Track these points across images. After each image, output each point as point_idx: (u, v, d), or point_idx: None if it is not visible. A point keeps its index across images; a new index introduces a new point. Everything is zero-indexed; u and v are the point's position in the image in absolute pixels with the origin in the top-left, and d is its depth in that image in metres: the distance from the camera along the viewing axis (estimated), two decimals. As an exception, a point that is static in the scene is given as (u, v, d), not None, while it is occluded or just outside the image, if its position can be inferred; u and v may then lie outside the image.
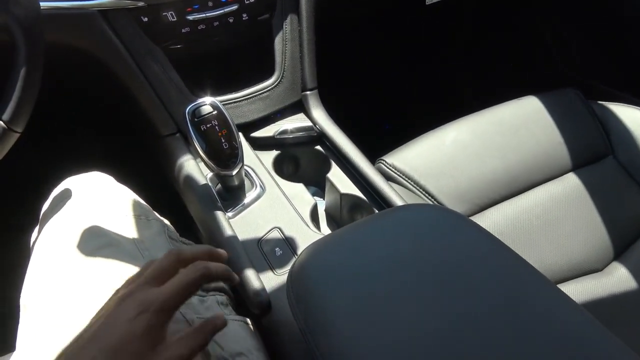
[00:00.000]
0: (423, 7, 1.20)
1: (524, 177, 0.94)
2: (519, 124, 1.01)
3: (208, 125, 0.72)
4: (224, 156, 0.73)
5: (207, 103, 0.73)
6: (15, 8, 0.60)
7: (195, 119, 0.72)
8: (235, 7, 0.88)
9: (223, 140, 0.72)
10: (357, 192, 0.83)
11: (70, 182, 0.74)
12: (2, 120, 0.61)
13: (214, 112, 0.73)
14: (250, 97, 0.91)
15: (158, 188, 0.93)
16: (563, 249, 0.86)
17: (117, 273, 0.60)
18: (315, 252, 0.52)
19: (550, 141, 0.99)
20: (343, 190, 0.83)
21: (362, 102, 1.51)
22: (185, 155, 0.85)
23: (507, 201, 0.92)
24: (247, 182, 0.81)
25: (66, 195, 0.71)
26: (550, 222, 0.89)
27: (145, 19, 0.83)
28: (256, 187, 0.81)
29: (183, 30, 0.86)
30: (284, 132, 0.90)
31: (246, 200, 0.78)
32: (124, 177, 0.80)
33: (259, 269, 0.68)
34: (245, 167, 0.83)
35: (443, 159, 0.95)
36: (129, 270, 0.61)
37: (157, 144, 0.89)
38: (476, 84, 1.59)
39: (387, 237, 0.52)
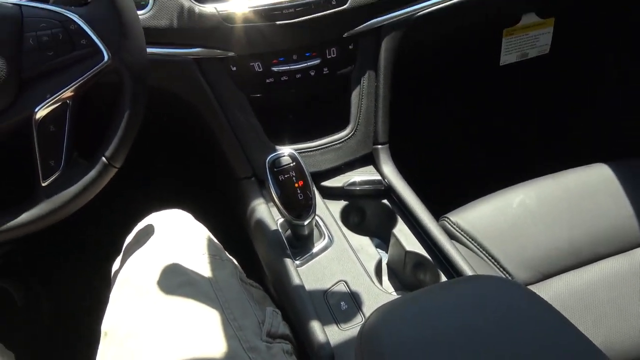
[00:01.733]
0: (496, 67, 1.22)
1: (590, 249, 0.93)
2: (587, 193, 1.00)
3: (286, 176, 0.76)
4: (298, 206, 0.76)
5: (286, 154, 0.77)
6: (126, 54, 0.66)
7: (275, 169, 0.76)
8: (317, 61, 0.92)
9: (299, 191, 0.76)
10: (421, 250, 0.84)
11: (153, 219, 0.79)
12: (104, 157, 0.67)
13: (292, 164, 0.76)
14: (324, 148, 0.94)
15: (227, 227, 0.97)
16: (630, 330, 0.84)
17: (194, 312, 0.63)
18: (388, 316, 0.53)
19: (620, 213, 0.98)
20: (408, 248, 0.84)
21: (430, 155, 1.53)
22: (259, 199, 0.89)
23: (572, 272, 0.91)
24: (315, 232, 0.84)
25: (149, 230, 0.76)
26: (616, 299, 0.87)
27: (234, 68, 0.89)
28: (324, 237, 0.83)
29: (267, 80, 0.91)
30: (353, 183, 0.93)
31: (314, 250, 0.81)
32: (198, 213, 0.84)
33: (324, 322, 0.70)
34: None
35: (508, 222, 0.95)
36: (204, 309, 0.64)
37: (232, 186, 0.93)
38: (544, 144, 1.58)
39: (460, 311, 0.53)
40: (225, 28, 0.85)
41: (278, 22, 0.86)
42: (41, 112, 0.64)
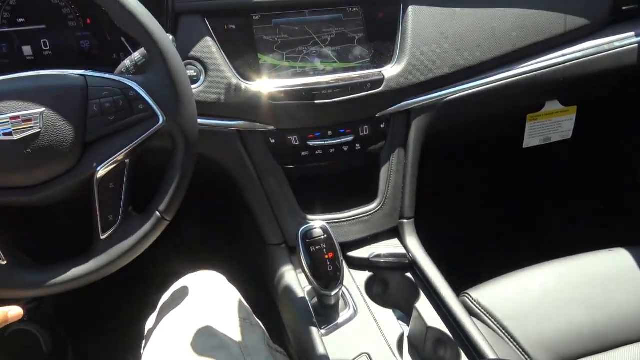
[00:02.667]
0: (520, 148, 1.27)
1: (614, 334, 0.94)
2: (610, 277, 1.01)
3: (317, 247, 0.80)
4: (327, 277, 0.79)
5: (318, 227, 0.81)
6: (179, 118, 0.72)
7: (307, 240, 0.80)
8: (351, 138, 0.99)
9: (328, 263, 0.80)
10: (443, 327, 0.86)
11: (188, 280, 0.83)
12: (158, 211, 0.73)
13: (323, 236, 0.81)
14: (352, 219, 0.99)
15: (254, 290, 1.00)
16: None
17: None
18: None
19: (643, 299, 0.99)
20: (430, 323, 0.86)
21: (454, 230, 1.57)
22: (287, 266, 0.93)
23: (593, 357, 0.91)
24: (340, 301, 0.87)
25: (184, 291, 0.80)
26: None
27: (273, 141, 0.96)
28: (349, 308, 0.86)
29: (302, 153, 0.97)
30: (378, 256, 0.97)
31: (339, 320, 0.84)
32: (227, 274, 0.89)
33: None
34: None
35: (529, 302, 0.97)
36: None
37: (262, 250, 0.98)
38: (566, 224, 1.60)
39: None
40: (268, 104, 0.92)
41: (316, 102, 0.93)
42: (102, 171, 0.70)
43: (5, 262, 0.69)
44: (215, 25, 0.92)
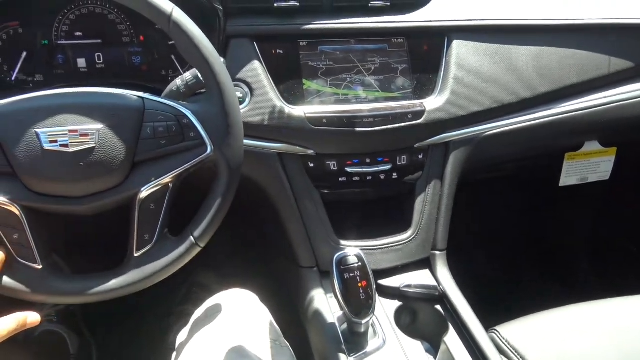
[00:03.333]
0: (556, 186, 1.26)
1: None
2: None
3: (351, 274, 0.81)
4: (359, 305, 0.80)
5: (353, 254, 0.82)
6: (227, 149, 0.74)
7: (342, 266, 0.81)
8: (388, 167, 1.00)
9: (361, 291, 0.80)
10: (471, 362, 0.86)
11: (222, 298, 0.85)
12: (193, 236, 0.74)
13: (358, 264, 0.81)
14: (385, 248, 0.99)
15: (283, 310, 1.01)
16: None
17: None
18: None
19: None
20: (458, 358, 0.86)
21: (484, 262, 1.56)
22: (318, 290, 0.94)
23: (622, 406, 0.90)
24: (370, 329, 0.88)
25: (217, 309, 0.82)
26: None
27: (312, 165, 0.97)
28: (378, 337, 0.87)
29: (340, 179, 0.98)
30: (409, 286, 0.97)
31: (368, 349, 0.84)
32: (257, 292, 0.90)
33: None
34: None
35: (558, 345, 0.95)
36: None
37: (294, 272, 0.99)
38: (598, 265, 1.58)
39: None
40: (309, 129, 0.93)
41: (357, 129, 0.95)
42: (145, 192, 0.72)
43: (40, 267, 0.71)
44: (263, 49, 0.95)
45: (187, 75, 0.77)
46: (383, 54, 1.01)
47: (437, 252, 1.02)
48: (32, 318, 0.69)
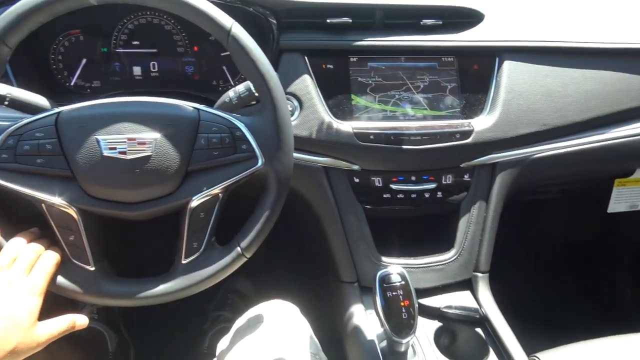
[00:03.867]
0: (603, 213, 1.23)
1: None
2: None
3: (394, 293, 0.80)
4: (400, 324, 0.79)
5: (397, 272, 0.82)
6: (277, 163, 0.75)
7: (385, 284, 0.81)
8: (433, 185, 0.99)
9: (403, 310, 0.80)
10: (511, 390, 0.84)
11: (264, 308, 0.86)
12: (239, 247, 0.75)
13: (401, 282, 0.81)
14: (427, 267, 0.99)
15: (320, 323, 1.01)
16: None
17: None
18: None
19: None
20: (497, 384, 0.85)
21: (528, 287, 1.53)
22: (358, 305, 0.94)
23: None
24: (409, 349, 0.87)
25: (259, 319, 0.83)
26: None
27: (357, 180, 0.97)
28: (418, 356, 0.86)
29: (384, 195, 0.98)
30: (449, 307, 0.96)
31: (407, 369, 0.84)
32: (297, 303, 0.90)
33: None
34: None
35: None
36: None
37: (334, 286, 0.99)
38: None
39: None
40: (356, 144, 0.94)
41: (404, 147, 0.95)
42: (196, 201, 0.74)
43: (92, 269, 0.73)
44: (314, 64, 0.96)
45: (240, 88, 0.78)
46: (432, 72, 1.01)
47: (479, 274, 1.01)
48: (80, 320, 0.71)
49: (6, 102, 0.73)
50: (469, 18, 1.03)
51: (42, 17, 0.69)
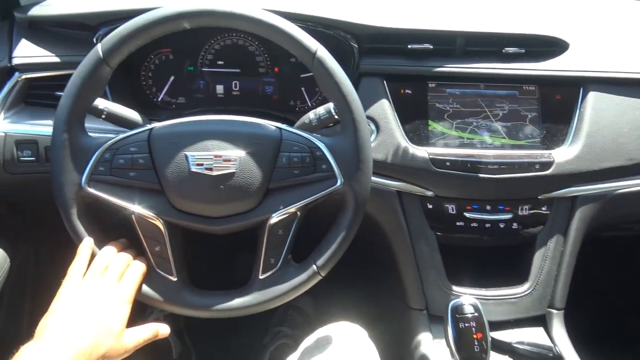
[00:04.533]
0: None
1: None
2: None
3: (466, 325, 0.79)
4: (472, 357, 0.78)
5: (470, 304, 0.80)
6: (356, 183, 0.76)
7: (457, 315, 0.79)
8: (509, 216, 0.97)
9: (476, 343, 0.78)
10: None
11: (331, 329, 0.86)
12: (315, 265, 0.76)
13: (474, 314, 0.79)
14: (499, 299, 0.96)
15: (386, 349, 1.00)
16: None
17: None
18: None
19: None
20: None
21: (604, 325, 1.46)
22: (426, 333, 0.92)
23: None
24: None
25: (327, 340, 0.83)
26: None
27: (430, 206, 0.97)
28: (487, 392, 0.83)
29: (457, 223, 0.97)
30: (521, 342, 0.92)
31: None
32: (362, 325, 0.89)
33: None
34: None
35: None
36: None
37: (401, 312, 0.98)
38: None
39: None
40: (432, 170, 0.93)
41: (480, 175, 0.93)
42: (276, 218, 0.75)
43: (175, 280, 0.76)
44: (392, 88, 0.97)
45: (320, 110, 0.80)
46: (512, 100, 0.99)
47: (554, 311, 0.97)
48: (163, 330, 0.74)
49: (103, 116, 0.78)
50: (553, 47, 1.01)
51: (141, 40, 0.73)
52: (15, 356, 0.60)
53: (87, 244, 0.74)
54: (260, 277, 0.76)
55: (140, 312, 1.33)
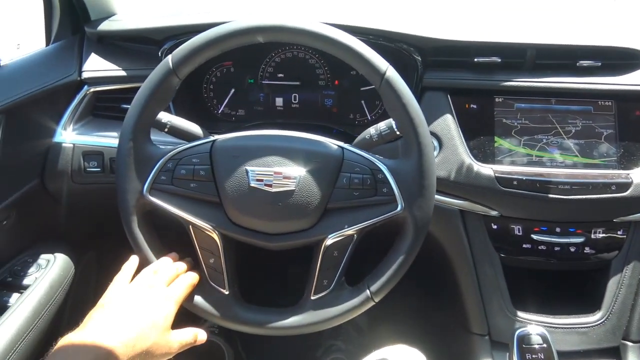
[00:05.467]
0: None
1: None
2: None
3: (534, 356, 0.75)
4: (539, 391, 0.73)
5: (537, 333, 0.76)
6: (417, 209, 0.73)
7: (523, 345, 0.75)
8: (581, 239, 0.91)
9: (544, 377, 0.74)
10: None
11: (389, 352, 0.83)
12: (369, 290, 0.74)
13: (542, 345, 0.75)
14: (568, 328, 0.90)
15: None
16: None
17: None
18: None
19: None
20: None
21: None
22: (487, 359, 0.88)
23: None
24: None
25: (385, 364, 0.80)
26: None
27: (494, 227, 0.92)
28: None
29: (524, 246, 0.92)
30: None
31: None
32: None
33: None
34: None
35: None
36: None
37: (461, 337, 0.94)
38: None
39: None
40: (497, 189, 0.89)
41: (550, 195, 0.88)
42: (331, 240, 0.73)
43: (227, 293, 0.76)
44: (456, 103, 0.93)
45: (382, 126, 0.77)
46: (586, 116, 0.93)
47: (629, 343, 0.90)
48: (201, 335, 0.73)
49: (166, 129, 0.79)
50: (632, 59, 0.95)
51: (212, 51, 0.73)
52: (56, 345, 0.59)
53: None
54: (312, 297, 0.75)
55: (195, 321, 1.35)
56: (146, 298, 0.67)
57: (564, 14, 1.10)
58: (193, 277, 0.75)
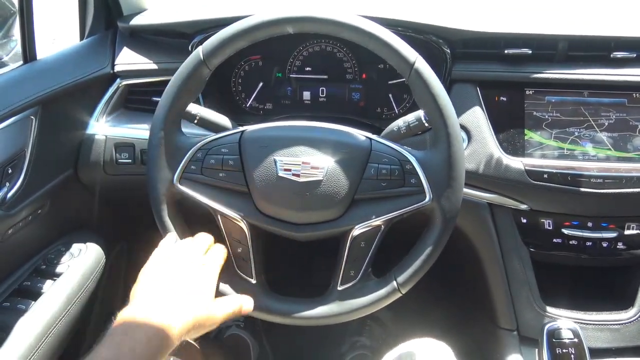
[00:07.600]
0: None
1: None
2: None
3: (564, 351, 0.73)
4: (570, 387, 0.72)
5: (568, 328, 0.74)
6: (445, 201, 0.73)
7: (554, 339, 0.74)
8: (613, 234, 0.89)
9: (575, 372, 0.72)
10: None
11: (416, 345, 0.83)
12: (396, 281, 0.74)
13: (573, 340, 0.74)
14: (599, 324, 0.88)
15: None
16: None
17: None
18: None
19: None
20: None
21: None
22: (516, 355, 0.87)
23: None
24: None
25: (410, 357, 0.80)
26: None
27: (524, 221, 0.91)
28: None
29: (554, 240, 0.90)
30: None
31: None
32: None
33: None
34: None
35: None
36: None
37: (489, 331, 0.93)
38: None
39: None
40: (527, 183, 0.88)
41: (582, 189, 0.86)
42: (359, 230, 0.73)
43: (254, 282, 0.76)
44: (486, 95, 0.92)
45: (410, 118, 0.77)
46: (620, 109, 0.91)
47: (664, 341, 0.88)
48: (247, 305, 0.72)
49: (196, 121, 0.80)
50: (668, 51, 0.92)
51: (242, 42, 0.74)
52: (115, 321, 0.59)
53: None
54: (339, 288, 0.75)
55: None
56: (188, 268, 0.68)
57: (596, 4, 1.07)
58: (224, 251, 0.75)
